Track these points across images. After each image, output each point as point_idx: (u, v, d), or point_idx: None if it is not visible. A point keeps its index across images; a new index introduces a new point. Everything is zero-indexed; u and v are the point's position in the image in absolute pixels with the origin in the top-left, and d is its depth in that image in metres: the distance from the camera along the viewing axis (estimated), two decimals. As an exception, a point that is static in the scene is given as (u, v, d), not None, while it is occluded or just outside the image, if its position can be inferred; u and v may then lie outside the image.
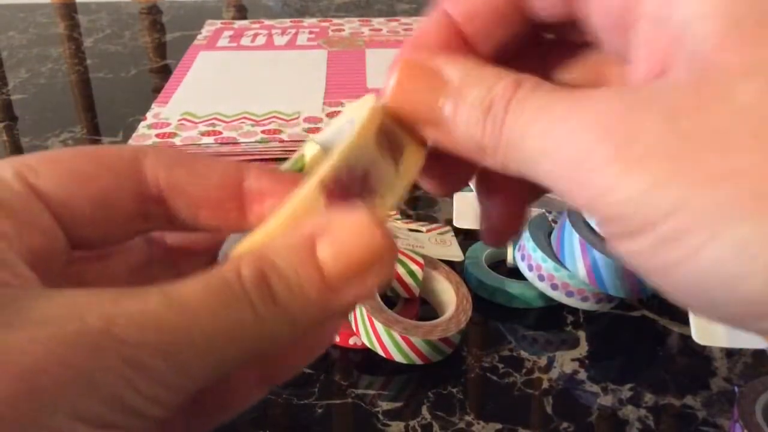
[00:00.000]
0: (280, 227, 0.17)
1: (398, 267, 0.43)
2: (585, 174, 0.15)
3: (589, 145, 0.15)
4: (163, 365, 0.14)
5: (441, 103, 0.18)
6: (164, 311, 0.15)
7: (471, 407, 0.38)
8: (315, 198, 0.17)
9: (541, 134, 0.16)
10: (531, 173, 0.17)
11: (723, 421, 0.37)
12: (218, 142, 0.62)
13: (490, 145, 0.17)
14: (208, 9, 1.05)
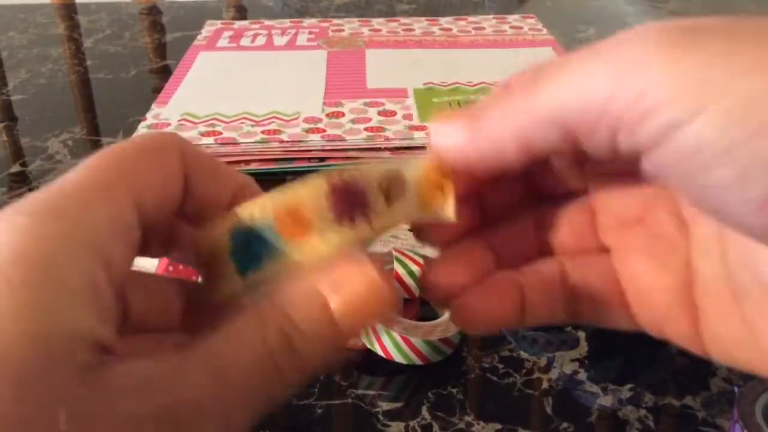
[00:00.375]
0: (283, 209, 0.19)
1: (398, 267, 0.43)
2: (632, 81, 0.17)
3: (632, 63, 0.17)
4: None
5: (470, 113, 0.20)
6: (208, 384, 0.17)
7: (471, 407, 0.38)
8: (320, 187, 0.19)
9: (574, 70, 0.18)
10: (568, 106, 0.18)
11: (723, 422, 0.37)
12: (218, 143, 0.62)
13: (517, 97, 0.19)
14: (208, 9, 1.05)
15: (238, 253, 0.19)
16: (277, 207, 0.19)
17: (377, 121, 0.66)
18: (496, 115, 0.19)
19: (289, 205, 0.19)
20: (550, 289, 0.22)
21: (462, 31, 0.91)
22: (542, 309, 0.22)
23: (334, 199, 0.19)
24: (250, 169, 0.61)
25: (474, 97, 0.71)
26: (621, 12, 1.04)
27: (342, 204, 0.19)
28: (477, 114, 0.20)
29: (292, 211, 0.19)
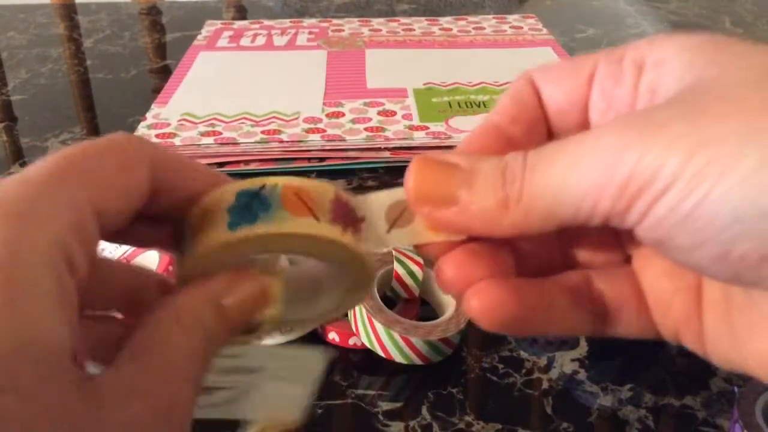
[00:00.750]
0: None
1: (398, 267, 0.43)
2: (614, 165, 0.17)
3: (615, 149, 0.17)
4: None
5: (454, 181, 0.20)
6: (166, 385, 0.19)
7: (471, 407, 0.38)
8: (327, 191, 0.21)
9: (566, 165, 0.18)
10: (558, 205, 0.18)
11: (723, 422, 0.37)
12: (218, 143, 0.62)
13: (512, 196, 0.19)
14: (208, 9, 1.05)
15: (237, 209, 0.20)
16: (287, 184, 0.21)
17: (377, 121, 0.66)
18: (489, 203, 0.19)
19: (299, 187, 0.21)
20: (577, 298, 0.22)
21: (462, 31, 0.91)
22: (570, 317, 0.22)
23: (334, 208, 0.21)
24: (250, 169, 0.61)
25: (474, 97, 0.71)
26: (621, 12, 1.04)
27: (340, 215, 0.21)
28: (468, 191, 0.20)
29: (299, 192, 0.20)
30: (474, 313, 0.21)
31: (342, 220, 0.21)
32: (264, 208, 0.20)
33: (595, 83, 0.22)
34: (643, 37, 0.90)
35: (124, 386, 0.18)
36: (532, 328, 0.22)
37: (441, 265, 0.21)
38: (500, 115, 0.23)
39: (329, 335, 0.42)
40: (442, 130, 0.64)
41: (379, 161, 0.62)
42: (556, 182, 0.18)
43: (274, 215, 0.20)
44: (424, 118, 0.67)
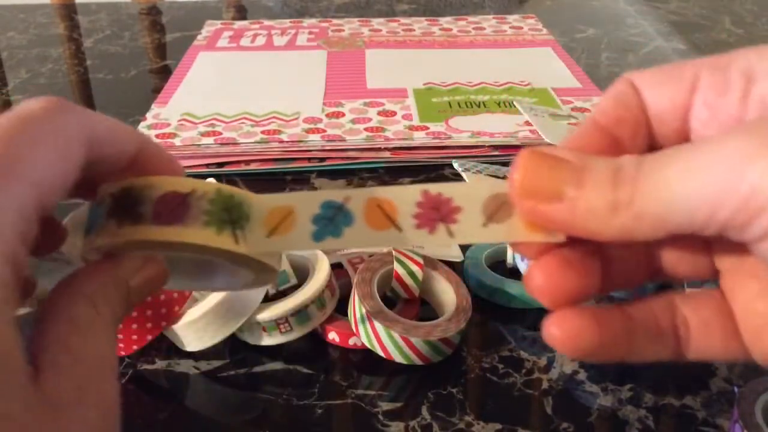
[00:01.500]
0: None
1: (398, 267, 0.43)
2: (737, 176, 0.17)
3: (738, 159, 0.17)
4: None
5: (563, 176, 0.19)
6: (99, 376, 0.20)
7: (471, 407, 0.38)
8: (413, 194, 0.21)
9: (684, 172, 0.18)
10: (672, 212, 0.18)
11: (723, 422, 0.37)
12: (218, 143, 0.62)
13: (624, 199, 0.18)
14: (208, 9, 1.05)
15: (322, 220, 0.21)
16: (371, 196, 0.21)
17: (377, 121, 0.66)
18: (599, 203, 0.19)
19: (383, 199, 0.21)
20: (660, 326, 0.21)
21: (462, 31, 0.91)
22: (652, 346, 0.21)
23: (420, 210, 0.21)
24: (250, 169, 0.61)
25: (474, 97, 0.71)
26: (621, 12, 1.04)
27: (427, 212, 0.21)
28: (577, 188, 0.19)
29: (382, 204, 0.21)
30: (554, 343, 0.20)
31: (431, 219, 0.21)
32: (347, 221, 0.21)
33: (698, 92, 0.21)
34: (643, 37, 0.90)
35: (73, 390, 0.18)
36: (613, 356, 0.21)
37: (531, 271, 0.21)
38: (604, 116, 0.22)
39: (329, 335, 0.42)
40: (442, 130, 0.64)
41: (379, 161, 0.62)
42: (672, 189, 0.18)
43: (355, 230, 0.21)
44: (424, 118, 0.67)
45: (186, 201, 0.21)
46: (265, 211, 0.21)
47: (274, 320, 0.40)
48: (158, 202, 0.20)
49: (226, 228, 0.21)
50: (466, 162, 0.59)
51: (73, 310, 0.20)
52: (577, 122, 0.65)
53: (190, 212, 0.20)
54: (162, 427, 0.37)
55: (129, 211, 0.21)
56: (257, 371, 0.41)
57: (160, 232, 0.20)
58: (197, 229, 0.20)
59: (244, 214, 0.21)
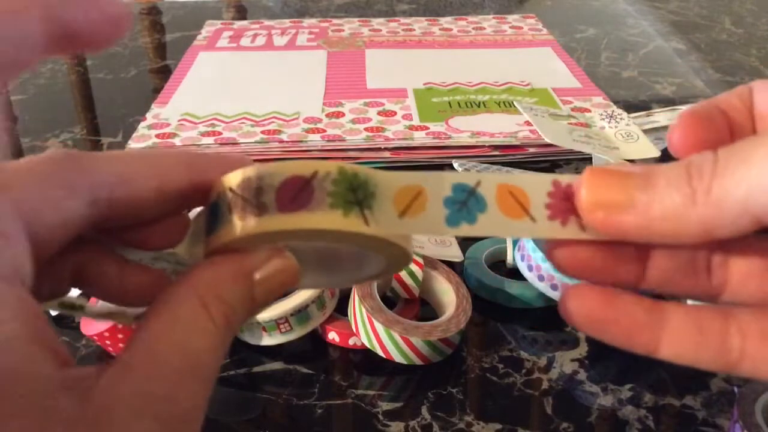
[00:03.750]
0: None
1: (398, 267, 0.43)
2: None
3: None
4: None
5: (631, 184, 0.19)
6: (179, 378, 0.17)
7: (471, 407, 0.38)
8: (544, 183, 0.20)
9: (762, 157, 0.17)
10: (757, 196, 0.17)
11: (723, 422, 0.37)
12: (218, 143, 0.62)
13: (701, 189, 0.18)
14: (208, 9, 1.05)
15: (454, 204, 0.20)
16: (501, 182, 0.20)
17: (377, 121, 0.66)
18: (676, 199, 0.18)
19: (513, 186, 0.20)
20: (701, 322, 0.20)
21: (462, 31, 0.91)
22: (689, 346, 0.20)
23: (552, 201, 0.20)
24: (250, 169, 0.61)
25: (474, 97, 0.71)
26: (621, 12, 1.04)
27: (559, 203, 0.20)
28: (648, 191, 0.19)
29: (514, 191, 0.20)
30: (569, 317, 0.20)
31: (563, 210, 0.20)
32: (480, 207, 0.20)
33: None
34: (643, 37, 0.90)
35: (134, 396, 0.16)
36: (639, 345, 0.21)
37: (567, 301, 0.20)
38: (721, 100, 0.22)
39: (329, 335, 0.42)
40: (442, 130, 0.64)
41: (379, 161, 0.62)
42: (755, 168, 0.17)
43: (489, 216, 0.20)
44: (424, 118, 0.67)
45: (309, 184, 0.19)
46: (394, 190, 0.20)
47: (274, 320, 0.40)
48: (280, 189, 0.19)
49: (354, 209, 0.19)
50: (466, 162, 0.59)
51: (177, 307, 0.18)
52: (577, 122, 0.65)
53: (315, 196, 0.19)
54: (162, 427, 0.37)
55: (251, 202, 0.19)
56: (257, 371, 0.41)
57: (286, 220, 0.19)
58: (323, 213, 0.19)
59: (370, 193, 0.19)
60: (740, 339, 0.20)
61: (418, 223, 0.19)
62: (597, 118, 0.65)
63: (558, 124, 0.63)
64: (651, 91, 0.77)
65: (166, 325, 0.18)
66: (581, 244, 0.20)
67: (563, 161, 0.62)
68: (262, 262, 0.20)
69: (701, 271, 0.21)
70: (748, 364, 0.20)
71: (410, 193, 0.20)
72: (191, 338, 0.18)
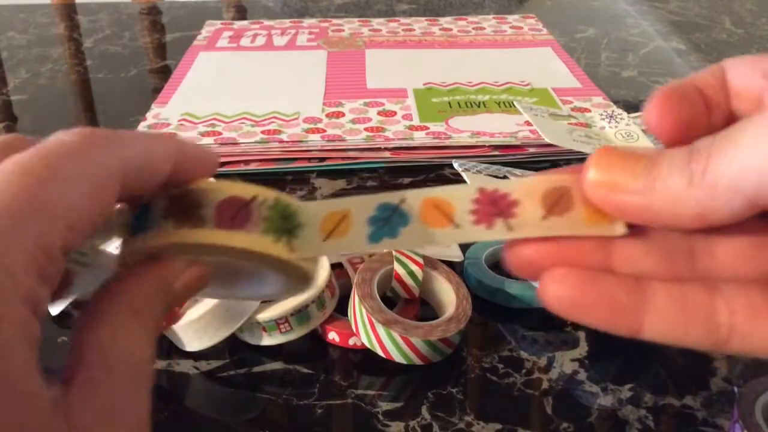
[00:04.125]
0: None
1: (398, 267, 0.43)
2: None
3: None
4: None
5: (638, 164, 0.19)
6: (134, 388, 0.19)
7: (471, 407, 0.38)
8: (470, 191, 0.21)
9: (756, 134, 0.17)
10: (746, 174, 0.18)
11: (723, 422, 0.37)
12: (218, 143, 0.62)
13: (697, 170, 0.18)
14: (208, 9, 1.05)
15: (377, 221, 0.21)
16: (426, 196, 0.21)
17: (377, 121, 0.66)
18: (675, 180, 0.19)
19: (438, 198, 0.21)
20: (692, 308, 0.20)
21: (462, 31, 0.91)
22: (678, 326, 0.20)
23: (477, 207, 0.21)
24: (250, 169, 0.61)
25: (474, 97, 0.71)
26: (621, 12, 1.04)
27: (485, 208, 0.21)
28: (652, 172, 0.19)
29: (439, 203, 0.21)
30: (547, 300, 0.20)
31: (489, 214, 0.21)
32: (403, 222, 0.21)
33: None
34: (643, 37, 0.90)
35: (102, 407, 0.17)
36: (621, 327, 0.21)
37: (545, 285, 0.20)
38: (696, 79, 0.22)
39: (329, 335, 0.42)
40: (442, 130, 0.64)
41: (379, 161, 0.62)
42: (744, 149, 0.18)
43: (413, 229, 0.21)
44: (424, 118, 0.67)
45: (248, 207, 0.20)
46: (320, 218, 0.21)
47: (274, 320, 0.40)
48: (220, 206, 0.20)
49: (283, 236, 0.21)
50: (466, 162, 0.59)
51: (116, 319, 0.19)
52: (577, 122, 0.65)
53: (252, 218, 0.20)
54: (162, 427, 0.37)
55: (190, 213, 0.20)
56: (257, 371, 0.41)
57: (223, 236, 0.20)
58: (257, 236, 0.20)
59: (299, 223, 0.21)
60: (728, 314, 0.20)
61: (340, 243, 0.21)
62: (597, 118, 0.65)
63: (558, 124, 0.63)
64: (651, 91, 0.76)
65: (109, 339, 0.19)
66: (529, 242, 0.20)
67: (563, 161, 0.62)
68: (182, 273, 0.21)
69: (680, 255, 0.21)
70: (737, 340, 0.20)
71: (336, 218, 0.21)
72: (134, 349, 0.19)
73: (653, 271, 0.21)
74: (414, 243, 0.21)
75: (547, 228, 0.20)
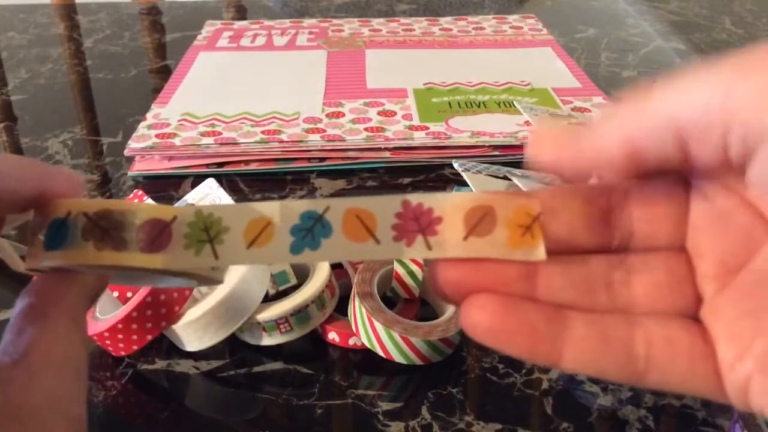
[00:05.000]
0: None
1: (398, 267, 0.43)
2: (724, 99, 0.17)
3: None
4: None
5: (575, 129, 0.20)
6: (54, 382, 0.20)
7: (471, 407, 0.38)
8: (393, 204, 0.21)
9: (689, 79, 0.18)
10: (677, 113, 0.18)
11: (723, 422, 0.37)
12: (218, 143, 0.62)
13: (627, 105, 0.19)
14: (208, 9, 1.05)
15: (300, 231, 0.21)
16: (350, 206, 0.21)
17: (377, 121, 0.66)
18: (602, 125, 0.19)
19: (361, 209, 0.21)
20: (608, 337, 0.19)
21: (462, 31, 0.91)
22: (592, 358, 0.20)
23: (399, 222, 0.21)
24: (250, 169, 0.61)
25: (474, 97, 0.71)
26: (621, 12, 1.04)
27: (406, 223, 0.20)
28: (580, 125, 0.20)
29: (361, 215, 0.21)
30: (467, 327, 0.20)
31: (410, 230, 0.20)
32: (326, 233, 0.21)
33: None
34: (643, 37, 0.90)
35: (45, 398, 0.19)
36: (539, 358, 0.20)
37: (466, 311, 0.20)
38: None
39: (329, 335, 0.42)
40: (442, 130, 0.64)
41: (379, 161, 0.62)
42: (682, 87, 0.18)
43: (335, 242, 0.21)
44: (424, 118, 0.67)
45: (168, 228, 0.21)
46: (245, 222, 0.21)
47: (274, 320, 0.40)
48: (142, 228, 0.21)
49: (205, 247, 0.21)
50: (466, 162, 0.59)
51: (57, 325, 0.21)
52: (577, 122, 0.65)
53: (173, 237, 0.21)
54: (162, 427, 0.37)
55: (111, 235, 0.21)
56: (257, 371, 0.41)
57: (146, 259, 0.21)
58: (178, 253, 0.21)
59: (223, 228, 0.21)
60: (646, 347, 0.19)
61: (263, 253, 0.21)
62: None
63: (558, 124, 0.63)
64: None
65: (51, 339, 0.20)
66: (453, 265, 0.20)
67: (563, 161, 0.62)
68: (98, 282, 0.23)
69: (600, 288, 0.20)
70: (655, 373, 0.19)
71: (259, 225, 0.21)
72: (74, 349, 0.21)
73: (575, 302, 0.20)
74: (334, 256, 0.21)
75: (468, 249, 0.20)
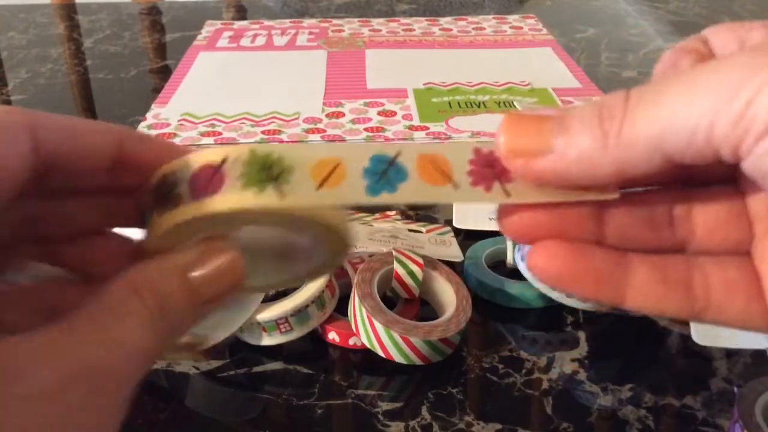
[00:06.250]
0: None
1: (398, 267, 0.43)
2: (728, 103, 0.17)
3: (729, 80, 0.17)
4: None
5: (547, 128, 0.19)
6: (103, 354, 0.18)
7: (471, 407, 0.38)
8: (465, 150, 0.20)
9: (680, 91, 0.18)
10: (667, 133, 0.18)
11: (723, 422, 0.37)
12: (218, 143, 0.62)
13: (612, 130, 0.18)
14: (208, 9, 1.05)
15: (373, 175, 0.20)
16: (421, 152, 0.20)
17: (377, 121, 0.66)
18: (587, 142, 0.19)
19: (434, 155, 0.20)
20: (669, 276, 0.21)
21: (462, 31, 0.91)
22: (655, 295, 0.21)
23: (474, 163, 0.20)
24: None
25: (474, 97, 0.71)
26: (621, 12, 1.04)
27: (482, 170, 0.20)
28: (563, 135, 0.19)
29: (435, 159, 0.20)
30: (536, 271, 0.20)
31: (486, 177, 0.20)
32: (401, 177, 0.20)
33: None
34: (643, 37, 0.90)
35: (35, 350, 0.17)
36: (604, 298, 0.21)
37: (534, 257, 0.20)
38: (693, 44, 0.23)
39: (329, 335, 0.42)
40: (442, 130, 0.64)
41: (379, 161, 0.62)
42: (667, 107, 0.18)
43: (411, 186, 0.20)
44: (424, 118, 0.67)
45: (220, 170, 0.19)
46: (311, 164, 0.20)
47: (274, 320, 0.40)
48: (193, 180, 0.19)
49: (268, 186, 0.19)
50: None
51: (109, 296, 0.19)
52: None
53: (227, 180, 0.19)
54: (162, 427, 0.37)
55: (168, 197, 0.19)
56: (257, 371, 0.41)
57: (198, 207, 0.19)
58: (235, 194, 0.19)
59: (287, 168, 0.19)
60: (704, 289, 0.21)
61: (336, 194, 0.19)
62: (597, 118, 0.65)
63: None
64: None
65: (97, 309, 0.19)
66: (526, 209, 0.20)
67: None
68: (197, 256, 0.20)
69: (663, 224, 0.21)
70: (711, 312, 0.21)
71: (328, 166, 0.20)
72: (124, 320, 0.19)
73: (641, 238, 0.21)
74: (413, 198, 0.20)
75: (543, 194, 0.20)
